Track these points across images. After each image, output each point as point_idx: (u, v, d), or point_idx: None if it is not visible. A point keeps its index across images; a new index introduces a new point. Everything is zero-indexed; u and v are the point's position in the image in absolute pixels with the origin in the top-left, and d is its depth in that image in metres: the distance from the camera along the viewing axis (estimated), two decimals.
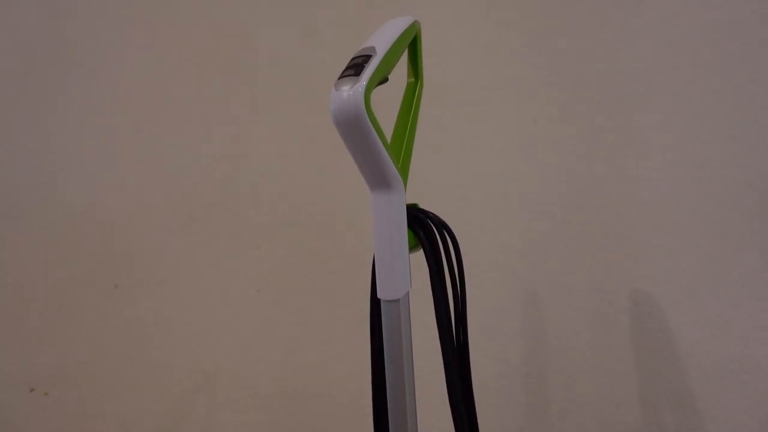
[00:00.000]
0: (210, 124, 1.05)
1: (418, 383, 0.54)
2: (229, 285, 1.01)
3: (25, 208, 1.08)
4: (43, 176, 1.10)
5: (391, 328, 0.50)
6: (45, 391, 1.04)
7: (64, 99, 1.12)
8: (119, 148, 1.08)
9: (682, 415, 0.87)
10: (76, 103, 1.11)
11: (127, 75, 1.09)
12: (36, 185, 1.09)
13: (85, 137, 1.09)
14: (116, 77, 1.10)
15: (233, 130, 1.04)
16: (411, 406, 0.51)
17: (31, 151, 1.12)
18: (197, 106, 1.05)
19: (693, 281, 0.88)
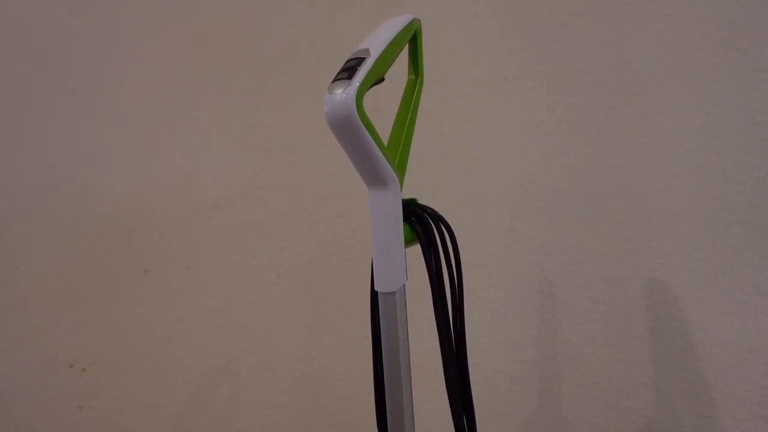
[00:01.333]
0: (231, 116, 1.08)
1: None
2: (250, 271, 1.04)
3: (63, 201, 1.14)
4: (76, 169, 1.15)
5: (387, 319, 0.52)
6: (83, 368, 1.11)
7: (95, 95, 1.16)
8: (146, 142, 1.12)
9: (696, 403, 0.87)
10: (106, 99, 1.15)
11: (153, 71, 1.13)
12: (72, 179, 1.15)
13: (114, 132, 1.14)
14: (143, 73, 1.14)
15: (255, 122, 1.06)
16: (407, 393, 0.53)
17: (64, 145, 1.17)
18: (220, 100, 1.08)
19: (711, 270, 0.87)
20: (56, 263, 1.14)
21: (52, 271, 1.14)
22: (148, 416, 1.08)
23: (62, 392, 1.11)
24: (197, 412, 1.06)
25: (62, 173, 1.16)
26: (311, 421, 1.01)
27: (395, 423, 0.54)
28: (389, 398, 0.53)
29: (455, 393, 0.56)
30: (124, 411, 1.09)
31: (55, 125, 1.18)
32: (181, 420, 1.06)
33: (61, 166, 1.16)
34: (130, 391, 1.09)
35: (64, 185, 1.14)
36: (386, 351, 0.53)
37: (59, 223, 1.14)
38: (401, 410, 0.53)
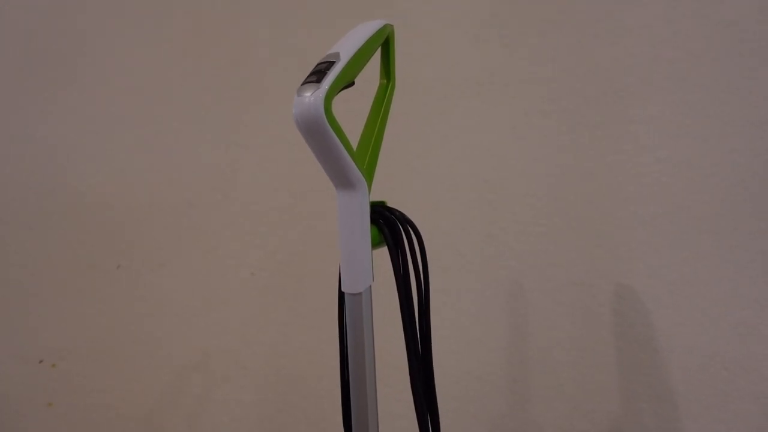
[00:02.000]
0: (210, 114, 1.08)
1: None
2: (225, 269, 1.04)
3: (33, 195, 1.13)
4: (50, 164, 1.14)
5: (353, 319, 0.53)
6: (53, 364, 1.10)
7: (70, 89, 1.15)
8: (123, 138, 1.12)
9: (660, 407, 0.89)
10: (82, 93, 1.14)
11: (132, 67, 1.12)
12: (43, 172, 1.14)
13: (91, 127, 1.13)
14: (122, 69, 1.13)
15: (233, 121, 1.06)
16: (371, 392, 0.54)
17: (38, 139, 1.16)
18: (198, 98, 1.08)
19: (677, 278, 0.89)
20: (27, 258, 1.13)
21: (22, 266, 1.13)
22: (119, 413, 1.08)
23: (31, 388, 1.10)
24: (168, 409, 1.06)
25: (35, 169, 1.15)
26: (282, 419, 1.01)
27: (359, 421, 0.55)
28: (354, 396, 0.54)
29: (419, 392, 0.57)
30: (94, 407, 1.08)
31: (28, 120, 1.17)
32: (152, 416, 1.06)
33: (35, 162, 1.15)
34: (100, 387, 1.08)
35: (37, 181, 1.13)
36: (352, 350, 0.54)
37: (31, 218, 1.13)
38: (365, 408, 0.54)
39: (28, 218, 1.13)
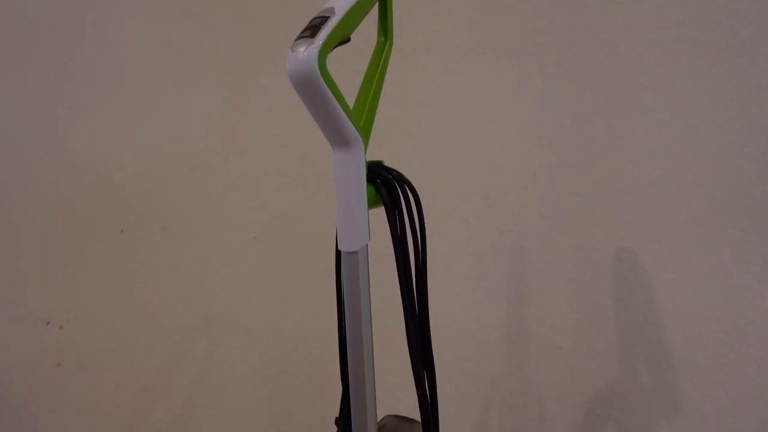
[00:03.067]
0: (211, 77, 1.07)
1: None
2: (226, 232, 1.05)
3: (36, 160, 1.13)
4: (52, 129, 1.14)
5: (350, 278, 0.53)
6: (60, 325, 1.12)
7: (74, 55, 1.15)
8: (124, 102, 1.11)
9: (658, 370, 0.90)
10: (86, 58, 1.14)
11: (131, 30, 1.11)
12: (45, 138, 1.14)
13: (93, 93, 1.13)
14: (121, 32, 1.12)
15: (233, 84, 1.06)
16: (368, 349, 0.55)
17: (42, 104, 1.16)
18: (199, 61, 1.07)
19: (678, 242, 0.89)
20: (32, 222, 1.14)
21: (27, 230, 1.14)
22: (125, 373, 1.10)
23: (40, 349, 1.13)
24: (173, 369, 1.08)
25: (37, 134, 1.15)
26: (284, 380, 1.03)
27: (356, 378, 0.55)
28: (351, 354, 0.55)
29: (416, 351, 0.57)
30: (102, 367, 1.11)
31: (30, 86, 1.17)
32: (158, 377, 1.08)
33: (39, 127, 1.15)
34: (107, 348, 1.11)
35: (41, 145, 1.13)
36: (349, 308, 0.54)
37: (36, 182, 1.14)
38: (362, 366, 0.55)
39: (32, 184, 1.13)
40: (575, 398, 0.93)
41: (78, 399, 1.11)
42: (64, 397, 1.12)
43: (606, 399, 0.92)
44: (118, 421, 1.10)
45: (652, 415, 0.91)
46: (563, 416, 0.93)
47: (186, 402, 1.07)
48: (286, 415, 1.03)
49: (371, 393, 0.56)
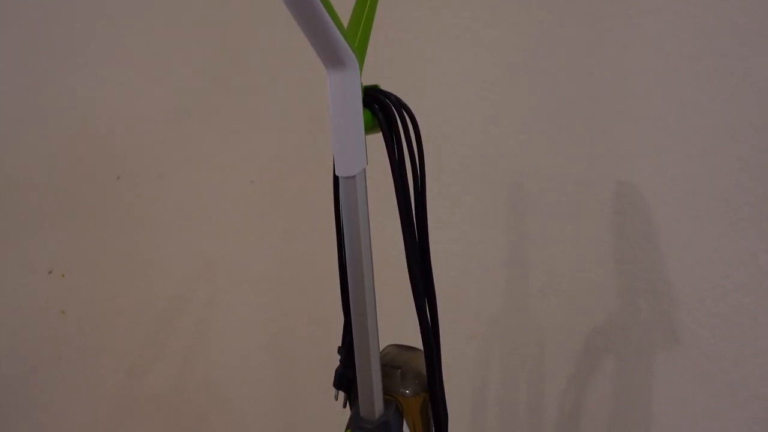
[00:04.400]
0: (205, 19, 1.04)
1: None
2: (224, 177, 1.04)
3: (34, 108, 1.11)
4: (51, 79, 1.11)
5: (348, 203, 0.53)
6: (62, 274, 1.12)
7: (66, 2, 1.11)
8: (117, 48, 1.08)
9: (656, 302, 0.91)
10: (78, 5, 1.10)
11: None
12: (44, 87, 1.12)
13: (87, 38, 1.10)
14: None
15: (228, 24, 1.03)
16: (368, 276, 0.55)
17: (36, 49, 1.13)
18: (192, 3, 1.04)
19: (680, 174, 0.88)
20: (28, 171, 1.13)
21: (23, 179, 1.13)
22: (130, 319, 1.11)
23: (44, 298, 1.13)
24: (177, 314, 1.09)
25: (32, 84, 1.13)
26: (288, 322, 1.04)
27: (357, 305, 0.55)
28: (351, 281, 0.54)
29: (417, 278, 0.57)
30: (106, 314, 1.12)
31: (25, 31, 1.13)
32: (162, 322, 1.09)
33: (31, 77, 1.13)
34: (110, 296, 1.11)
35: (35, 93, 1.11)
36: (348, 235, 0.54)
37: (31, 130, 1.12)
38: (363, 292, 0.55)
39: (27, 132, 1.12)
40: (575, 332, 0.94)
41: (83, 346, 1.13)
42: (70, 344, 1.13)
43: (605, 332, 0.93)
44: (124, 366, 1.12)
45: (651, 346, 0.92)
46: (563, 350, 0.94)
47: (191, 346, 1.09)
48: (289, 356, 1.05)
49: (373, 320, 0.56)
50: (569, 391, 0.95)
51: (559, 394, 0.96)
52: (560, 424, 0.96)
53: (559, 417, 0.96)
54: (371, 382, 0.56)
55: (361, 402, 0.58)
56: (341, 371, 0.62)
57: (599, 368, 0.94)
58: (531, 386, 0.96)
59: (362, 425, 0.58)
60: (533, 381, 0.96)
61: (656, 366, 0.92)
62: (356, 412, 0.59)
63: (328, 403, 1.04)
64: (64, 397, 1.16)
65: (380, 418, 0.58)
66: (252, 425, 1.08)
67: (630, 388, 0.93)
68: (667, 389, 0.91)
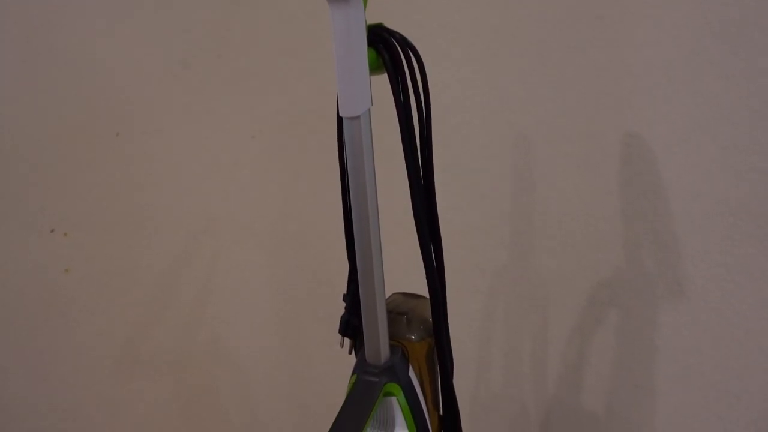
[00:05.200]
0: None
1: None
2: (224, 132, 1.03)
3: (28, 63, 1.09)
4: (43, 29, 1.09)
5: (353, 146, 0.52)
6: (64, 233, 1.12)
7: None
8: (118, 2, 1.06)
9: (662, 254, 0.90)
10: None
11: None
12: (36, 39, 1.09)
13: None
14: None
15: None
16: (374, 219, 0.54)
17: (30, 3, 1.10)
18: None
19: (688, 123, 0.86)
20: (25, 128, 1.12)
21: (20, 137, 1.12)
22: (133, 277, 1.11)
23: (47, 256, 1.13)
24: (181, 271, 1.09)
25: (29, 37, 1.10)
26: (291, 279, 1.04)
27: (363, 249, 0.55)
28: (356, 221, 0.54)
29: (422, 222, 0.57)
30: (110, 273, 1.12)
31: None
32: (167, 280, 1.09)
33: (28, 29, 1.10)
34: (113, 254, 1.11)
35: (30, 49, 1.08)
36: (352, 178, 0.53)
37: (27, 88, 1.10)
38: (368, 234, 0.54)
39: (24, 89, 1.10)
40: (580, 286, 0.94)
41: (88, 304, 1.13)
42: (75, 302, 1.14)
43: (610, 285, 0.93)
44: (129, 324, 1.12)
45: (656, 299, 0.92)
46: (568, 304, 0.94)
47: (196, 303, 1.09)
48: (294, 311, 1.05)
49: (378, 263, 0.55)
50: (573, 344, 0.96)
51: (563, 346, 0.96)
52: (564, 376, 0.97)
53: (562, 369, 0.96)
54: (377, 327, 0.56)
55: (367, 347, 0.58)
56: (347, 318, 0.62)
57: (604, 321, 0.94)
58: (535, 339, 0.97)
59: (368, 369, 0.58)
60: (537, 334, 0.96)
61: (661, 318, 0.92)
62: (362, 358, 0.59)
63: (334, 357, 1.04)
64: (70, 356, 1.17)
65: (386, 362, 0.58)
66: (258, 380, 1.09)
67: (634, 340, 0.93)
68: (672, 341, 0.92)
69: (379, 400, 0.56)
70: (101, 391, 1.17)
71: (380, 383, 0.57)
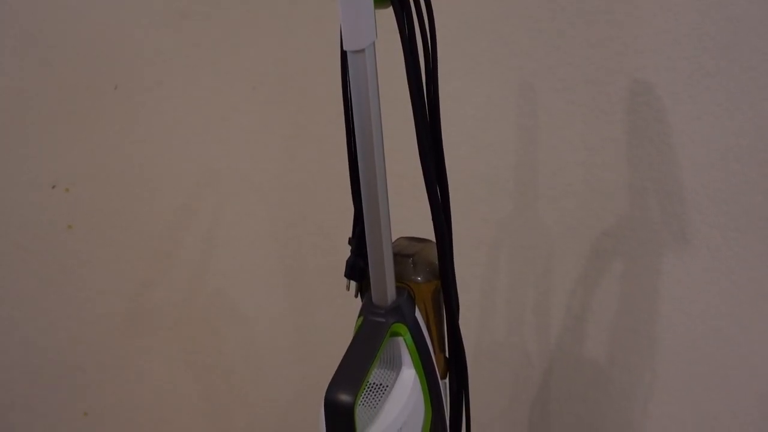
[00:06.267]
0: None
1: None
2: (224, 83, 1.01)
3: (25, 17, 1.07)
4: None
5: (357, 79, 0.51)
6: (66, 188, 1.11)
7: None
8: None
9: (667, 201, 0.90)
10: None
11: None
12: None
13: None
14: None
15: None
16: (380, 159, 0.53)
17: None
18: None
19: (697, 69, 0.85)
20: (22, 81, 1.10)
21: (18, 90, 1.10)
22: (137, 231, 1.11)
23: (50, 213, 1.13)
24: (184, 225, 1.09)
25: None
26: (294, 231, 1.04)
27: (368, 188, 0.54)
28: (362, 160, 0.53)
29: (429, 164, 0.56)
30: (114, 228, 1.12)
31: None
32: (170, 233, 1.09)
33: None
34: (115, 209, 1.11)
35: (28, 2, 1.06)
36: (357, 113, 0.52)
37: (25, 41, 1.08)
38: (373, 172, 0.53)
39: (21, 42, 1.08)
40: (584, 234, 0.94)
41: (93, 259, 1.13)
42: (79, 258, 1.14)
43: (615, 234, 0.93)
44: (135, 279, 1.13)
45: (660, 247, 0.92)
46: (572, 253, 0.95)
47: (199, 257, 1.09)
48: (299, 264, 1.05)
49: (384, 202, 0.55)
50: (576, 293, 0.96)
51: (566, 295, 0.97)
52: (566, 324, 0.97)
53: (565, 318, 0.97)
54: (383, 267, 0.56)
55: (374, 288, 0.58)
56: (352, 260, 0.62)
57: (607, 270, 0.94)
58: (538, 288, 0.97)
59: (375, 311, 0.58)
60: (541, 283, 0.97)
61: (664, 266, 0.92)
62: (368, 300, 0.59)
63: (338, 308, 1.05)
64: (76, 311, 1.18)
65: (392, 303, 0.58)
66: (262, 332, 1.10)
67: (638, 289, 0.94)
68: (675, 289, 0.92)
69: (385, 339, 0.57)
70: (108, 346, 1.18)
71: (387, 323, 0.57)
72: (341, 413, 0.51)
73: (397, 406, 0.55)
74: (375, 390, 0.57)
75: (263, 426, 1.15)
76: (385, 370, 0.59)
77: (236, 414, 1.16)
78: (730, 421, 0.94)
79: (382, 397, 0.56)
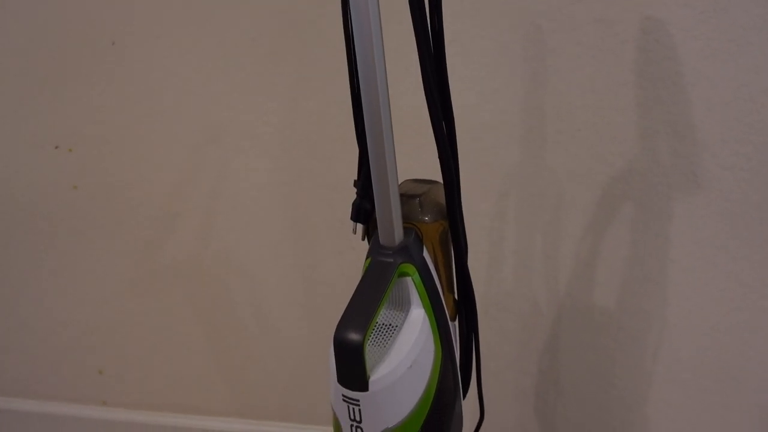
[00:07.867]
0: None
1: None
2: (223, 36, 0.99)
3: None
4: None
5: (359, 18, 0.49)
6: (69, 148, 1.10)
7: None
8: None
9: (678, 144, 0.88)
10: None
11: None
12: None
13: None
14: None
15: None
16: (383, 94, 0.52)
17: None
18: None
19: (710, 6, 0.82)
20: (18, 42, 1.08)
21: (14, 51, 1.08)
22: (142, 190, 1.10)
23: (54, 173, 1.13)
24: (189, 183, 1.08)
25: None
26: (299, 185, 1.03)
27: (373, 127, 0.53)
28: (365, 96, 0.52)
29: (433, 96, 0.55)
30: (119, 187, 1.11)
31: None
32: (176, 191, 1.09)
33: None
34: (119, 168, 1.10)
35: None
36: (359, 46, 0.50)
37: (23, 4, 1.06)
38: (378, 109, 0.52)
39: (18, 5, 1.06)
40: (593, 180, 0.92)
41: (99, 219, 1.13)
42: (85, 218, 1.14)
43: (625, 179, 0.91)
44: (141, 238, 1.13)
45: (671, 191, 0.90)
46: (581, 198, 0.93)
47: (206, 214, 1.09)
48: (304, 218, 1.05)
49: (389, 140, 0.54)
50: (585, 240, 0.95)
51: (575, 243, 0.96)
52: (576, 272, 0.97)
53: (575, 265, 0.97)
54: (390, 206, 0.55)
55: (381, 228, 0.57)
56: (358, 203, 0.61)
57: (617, 215, 0.93)
58: (547, 236, 0.96)
59: (382, 251, 0.57)
60: (549, 231, 0.96)
61: (675, 210, 0.91)
62: (375, 241, 0.59)
63: (346, 262, 1.05)
64: (84, 272, 1.18)
65: (400, 243, 0.57)
66: (270, 287, 1.11)
67: (647, 233, 0.92)
68: (687, 233, 0.91)
69: (393, 279, 0.56)
70: (118, 304, 1.19)
71: (395, 263, 0.56)
72: (351, 351, 0.51)
73: (407, 345, 0.55)
74: (384, 330, 0.57)
75: (274, 381, 1.17)
76: (394, 311, 0.59)
77: (248, 369, 1.17)
78: (742, 365, 0.94)
79: (391, 337, 0.56)
